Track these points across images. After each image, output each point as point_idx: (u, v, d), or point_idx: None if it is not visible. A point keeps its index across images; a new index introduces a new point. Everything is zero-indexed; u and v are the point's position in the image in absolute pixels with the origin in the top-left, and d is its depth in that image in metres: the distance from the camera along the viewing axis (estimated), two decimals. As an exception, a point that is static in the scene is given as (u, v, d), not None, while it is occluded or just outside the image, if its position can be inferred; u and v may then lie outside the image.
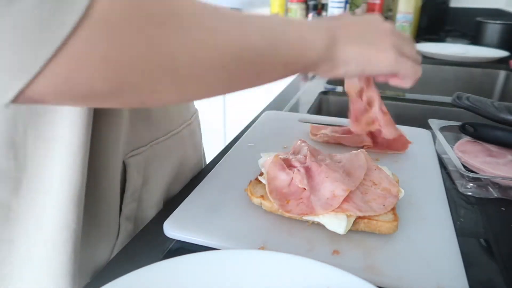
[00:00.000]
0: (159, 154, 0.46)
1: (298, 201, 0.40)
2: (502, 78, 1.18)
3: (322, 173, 0.41)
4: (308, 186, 0.41)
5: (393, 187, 0.42)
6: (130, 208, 0.44)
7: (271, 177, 0.43)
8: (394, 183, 0.43)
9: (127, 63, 0.23)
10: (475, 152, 0.56)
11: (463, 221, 0.44)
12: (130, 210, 0.44)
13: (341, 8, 1.47)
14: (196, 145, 0.57)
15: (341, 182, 0.40)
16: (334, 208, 0.38)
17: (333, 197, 0.39)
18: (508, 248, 0.40)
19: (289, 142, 0.54)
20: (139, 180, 0.44)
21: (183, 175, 0.52)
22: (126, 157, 0.42)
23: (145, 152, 0.44)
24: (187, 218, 0.41)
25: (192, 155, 0.55)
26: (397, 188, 0.42)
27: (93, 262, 0.42)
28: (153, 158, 0.46)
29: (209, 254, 0.30)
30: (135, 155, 0.43)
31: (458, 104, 0.62)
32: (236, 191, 0.46)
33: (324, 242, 0.38)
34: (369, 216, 0.38)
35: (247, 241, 0.38)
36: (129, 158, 0.42)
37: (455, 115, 0.80)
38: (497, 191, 0.49)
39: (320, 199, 0.39)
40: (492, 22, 1.35)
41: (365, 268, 0.35)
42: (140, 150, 0.43)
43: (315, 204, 0.39)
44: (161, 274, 0.28)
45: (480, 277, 0.36)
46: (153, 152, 0.45)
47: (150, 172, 0.46)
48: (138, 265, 0.28)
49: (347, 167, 0.45)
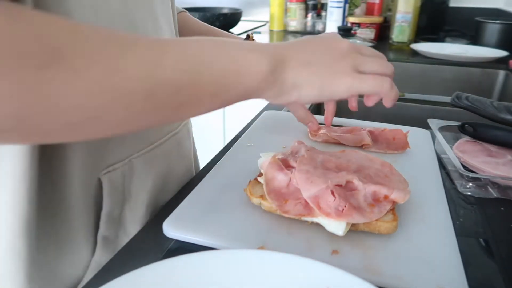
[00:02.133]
0: (140, 168, 0.44)
1: (296, 201, 0.40)
2: (501, 78, 1.18)
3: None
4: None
5: (402, 184, 0.42)
6: (108, 227, 0.42)
7: (269, 178, 0.43)
8: (403, 180, 0.43)
9: (7, 107, 0.21)
10: (475, 152, 0.56)
11: (462, 221, 0.44)
12: (108, 228, 0.42)
13: (341, 8, 1.47)
14: (185, 155, 0.55)
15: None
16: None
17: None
18: (508, 248, 0.40)
19: (288, 142, 0.54)
20: (117, 196, 0.42)
21: (169, 187, 0.50)
22: (101, 174, 0.40)
23: (123, 168, 0.42)
24: (186, 218, 0.41)
25: (179, 165, 0.53)
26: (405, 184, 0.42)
27: (66, 279, 0.41)
28: (133, 173, 0.44)
29: (208, 254, 0.30)
30: (111, 171, 0.41)
31: (458, 104, 0.62)
32: (236, 191, 0.46)
33: (324, 242, 0.38)
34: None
35: (246, 241, 0.38)
36: (104, 175, 0.40)
37: (454, 115, 0.80)
38: (497, 191, 0.49)
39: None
40: (491, 22, 1.35)
41: (364, 268, 0.35)
42: (116, 166, 0.41)
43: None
44: (161, 274, 0.28)
45: (480, 277, 0.36)
46: (132, 167, 0.43)
47: (131, 188, 0.44)
48: (137, 265, 0.28)
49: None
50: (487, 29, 1.35)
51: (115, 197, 0.42)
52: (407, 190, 0.41)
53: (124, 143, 0.42)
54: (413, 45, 1.34)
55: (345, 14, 1.50)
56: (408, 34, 1.44)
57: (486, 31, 1.36)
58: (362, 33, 1.49)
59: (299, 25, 1.68)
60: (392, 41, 1.48)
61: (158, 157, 0.47)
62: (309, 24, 1.68)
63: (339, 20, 1.49)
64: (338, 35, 0.40)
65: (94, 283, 0.35)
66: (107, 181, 0.41)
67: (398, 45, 1.45)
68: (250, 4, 1.87)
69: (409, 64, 1.25)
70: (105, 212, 0.41)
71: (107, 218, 0.42)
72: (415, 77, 1.25)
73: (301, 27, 1.69)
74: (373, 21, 1.50)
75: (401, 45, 1.45)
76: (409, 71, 1.25)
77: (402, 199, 0.39)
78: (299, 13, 1.67)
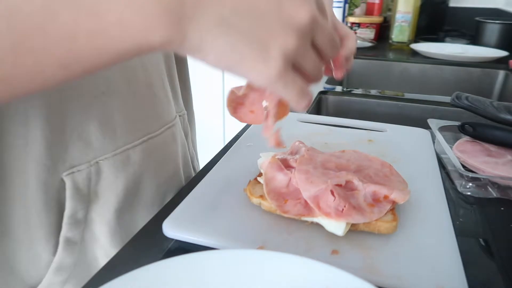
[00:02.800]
0: (108, 171, 0.42)
1: (296, 201, 0.40)
2: (501, 78, 1.18)
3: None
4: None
5: (401, 184, 0.42)
6: (71, 228, 0.41)
7: (269, 178, 0.43)
8: (402, 181, 0.43)
9: None
10: (474, 152, 0.56)
11: (462, 221, 0.44)
12: (71, 230, 0.41)
13: (340, 7, 1.47)
14: (169, 159, 0.52)
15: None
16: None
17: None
18: (507, 248, 0.40)
19: (288, 142, 0.54)
20: (81, 199, 0.41)
21: (147, 191, 0.48)
22: (63, 174, 0.39)
23: (88, 169, 0.41)
24: (186, 218, 0.41)
25: (160, 170, 0.49)
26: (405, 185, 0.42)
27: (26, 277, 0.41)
28: (101, 176, 0.42)
29: (207, 253, 0.30)
30: (75, 172, 0.39)
31: (457, 104, 0.62)
32: (235, 191, 0.46)
33: (323, 242, 0.38)
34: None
35: (246, 240, 0.38)
36: (66, 176, 0.39)
37: (454, 115, 0.80)
38: (496, 191, 0.49)
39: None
40: (491, 22, 1.35)
41: (364, 268, 0.35)
42: (81, 168, 0.40)
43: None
44: (160, 273, 0.28)
45: (479, 277, 0.36)
46: (99, 169, 0.41)
47: (98, 190, 0.42)
48: (137, 265, 0.28)
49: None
50: (487, 29, 1.36)
51: (79, 198, 0.41)
52: (407, 190, 0.41)
53: (89, 145, 0.40)
54: (413, 45, 1.34)
55: (345, 14, 1.50)
56: (408, 34, 1.44)
57: (486, 31, 1.36)
58: (362, 33, 1.49)
59: (299, 25, 1.68)
60: (392, 41, 1.48)
61: (130, 161, 0.44)
62: (309, 24, 1.68)
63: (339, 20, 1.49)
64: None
65: (93, 283, 0.35)
66: (70, 183, 0.39)
67: (398, 45, 1.46)
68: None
69: (408, 64, 1.25)
70: (68, 213, 0.40)
71: (70, 220, 0.41)
72: (415, 77, 1.25)
73: (301, 27, 1.69)
74: (373, 21, 1.50)
75: (401, 45, 1.45)
76: (409, 71, 1.25)
77: (402, 199, 0.39)
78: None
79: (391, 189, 0.40)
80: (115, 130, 0.42)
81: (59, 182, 0.39)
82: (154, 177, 0.49)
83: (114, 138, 0.42)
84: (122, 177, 0.44)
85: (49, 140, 0.37)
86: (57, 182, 0.39)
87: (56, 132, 0.37)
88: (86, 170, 0.40)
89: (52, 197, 0.39)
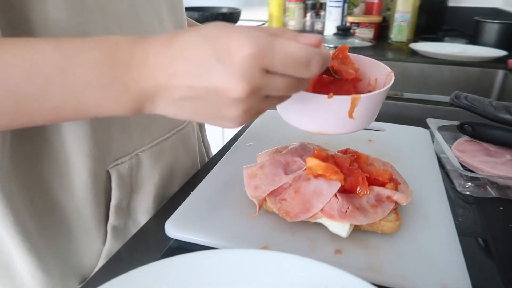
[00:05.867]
0: (147, 162, 0.46)
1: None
2: (500, 78, 1.18)
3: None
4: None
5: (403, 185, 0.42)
6: (117, 217, 0.44)
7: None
8: (403, 181, 0.43)
9: None
10: (473, 151, 0.56)
11: (461, 221, 0.44)
12: (117, 218, 0.44)
13: (340, 7, 1.47)
14: (190, 150, 0.56)
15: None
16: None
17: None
18: (506, 247, 0.40)
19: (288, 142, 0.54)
20: (125, 189, 0.44)
21: (176, 180, 0.52)
22: (109, 167, 0.42)
23: (130, 161, 0.44)
24: (188, 219, 0.41)
25: (185, 159, 0.54)
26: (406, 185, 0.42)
27: (79, 267, 0.43)
28: (140, 166, 0.46)
29: (208, 253, 0.30)
30: (119, 164, 0.43)
31: (456, 104, 0.62)
32: (237, 191, 0.46)
33: (327, 242, 0.38)
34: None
35: (249, 241, 0.38)
36: (112, 168, 0.42)
37: (453, 114, 0.80)
38: (495, 191, 0.49)
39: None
40: (490, 22, 1.35)
41: (367, 267, 0.35)
42: (124, 160, 0.43)
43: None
44: (160, 273, 0.28)
45: (479, 276, 0.36)
46: (139, 160, 0.45)
47: (138, 180, 0.46)
48: (137, 264, 0.28)
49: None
50: (486, 28, 1.36)
51: (123, 189, 0.44)
52: (410, 191, 0.41)
53: (130, 138, 0.44)
54: (412, 45, 1.34)
55: (344, 13, 1.50)
56: (407, 33, 1.44)
57: (485, 31, 1.36)
58: (361, 33, 1.49)
59: (298, 25, 1.68)
60: (391, 41, 1.48)
61: (164, 152, 0.49)
62: (308, 23, 1.68)
63: (338, 20, 1.49)
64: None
65: (93, 283, 0.35)
66: (116, 174, 0.43)
67: (397, 45, 1.45)
68: (249, 3, 1.87)
69: (408, 64, 1.25)
70: (114, 203, 0.43)
71: (116, 209, 0.44)
72: (414, 77, 1.25)
73: (300, 26, 1.69)
74: (372, 20, 1.50)
75: (400, 45, 1.45)
76: (408, 71, 1.25)
77: (405, 201, 0.39)
78: (298, 12, 1.67)
79: (394, 190, 0.40)
80: (150, 124, 0.46)
81: (105, 174, 0.42)
82: (181, 167, 0.53)
83: (150, 131, 0.46)
84: (158, 167, 0.48)
85: (97, 135, 0.40)
86: (104, 174, 0.42)
87: (102, 128, 0.40)
88: (128, 162, 0.44)
89: (101, 189, 0.42)
